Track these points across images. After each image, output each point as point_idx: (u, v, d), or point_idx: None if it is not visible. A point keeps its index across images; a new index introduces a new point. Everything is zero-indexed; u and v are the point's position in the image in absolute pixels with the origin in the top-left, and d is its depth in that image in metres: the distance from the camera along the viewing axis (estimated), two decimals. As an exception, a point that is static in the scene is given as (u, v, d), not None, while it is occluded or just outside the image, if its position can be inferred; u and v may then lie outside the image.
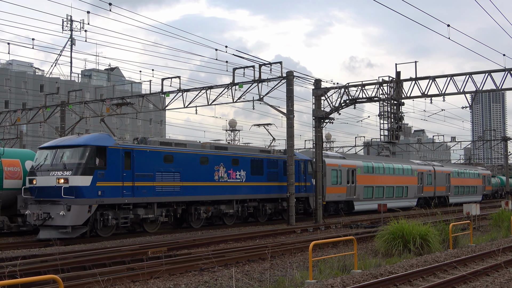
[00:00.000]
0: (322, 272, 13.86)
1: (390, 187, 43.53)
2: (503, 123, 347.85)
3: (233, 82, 31.90)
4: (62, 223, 21.39)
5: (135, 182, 23.57)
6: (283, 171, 32.56)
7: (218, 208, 28.64)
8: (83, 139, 23.27)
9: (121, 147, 23.42)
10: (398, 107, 30.90)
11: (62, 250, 18.82)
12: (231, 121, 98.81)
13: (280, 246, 19.59)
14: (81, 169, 21.82)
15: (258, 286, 12.56)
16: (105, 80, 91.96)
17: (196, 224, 27.79)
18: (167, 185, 25.29)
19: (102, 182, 22.28)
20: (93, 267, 14.95)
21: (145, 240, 22.92)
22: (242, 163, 29.89)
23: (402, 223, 18.04)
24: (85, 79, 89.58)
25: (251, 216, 32.31)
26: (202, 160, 27.56)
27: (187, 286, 12.81)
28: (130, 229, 25.54)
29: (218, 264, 15.59)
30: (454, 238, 19.23)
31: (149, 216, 24.55)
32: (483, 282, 12.32)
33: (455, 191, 54.98)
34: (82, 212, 21.72)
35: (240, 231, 26.50)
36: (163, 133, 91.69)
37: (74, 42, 77.89)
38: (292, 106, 31.17)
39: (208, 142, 30.23)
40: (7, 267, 13.25)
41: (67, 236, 21.57)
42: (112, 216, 22.96)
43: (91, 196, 21.93)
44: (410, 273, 12.93)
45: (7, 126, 44.12)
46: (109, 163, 22.76)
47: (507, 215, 26.19)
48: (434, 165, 53.87)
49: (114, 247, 19.77)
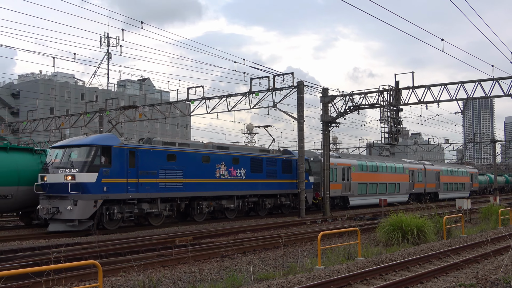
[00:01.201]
0: (330, 259, 13.85)
1: (383, 184, 42.63)
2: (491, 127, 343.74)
3: (250, 90, 31.95)
4: (70, 217, 20.69)
5: (139, 179, 22.74)
6: (281, 169, 31.51)
7: (219, 203, 27.64)
8: (89, 139, 22.56)
9: (126, 146, 22.64)
10: (397, 112, 30.82)
11: (101, 238, 18.92)
12: (248, 125, 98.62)
13: (292, 236, 19.54)
14: (87, 167, 21.09)
15: (272, 271, 12.55)
16: (137, 89, 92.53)
17: (199, 218, 26.60)
18: (170, 182, 24.35)
19: (107, 179, 21.52)
20: (128, 254, 15.05)
21: (173, 230, 22.78)
22: (242, 161, 28.84)
23: (401, 216, 17.97)
24: (120, 89, 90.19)
25: (252, 211, 31.17)
26: (204, 159, 26.51)
27: (210, 271, 12.83)
28: (136, 222, 24.60)
29: (237, 251, 15.61)
30: (448, 229, 19.14)
31: (153, 211, 23.69)
32: (473, 269, 12.21)
33: (445, 188, 53.84)
34: (88, 207, 20.97)
35: (257, 223, 26.37)
36: (188, 136, 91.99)
37: (110, 56, 78.36)
38: (302, 112, 31.11)
39: (211, 142, 29.43)
40: (53, 253, 13.38)
41: (74, 229, 20.79)
42: (118, 211, 22.20)
43: (97, 192, 21.18)
44: (408, 260, 12.87)
45: (53, 130, 44.48)
46: (114, 161, 21.95)
47: (495, 209, 26.00)
48: (425, 164, 52.73)
49: (146, 236, 19.87)
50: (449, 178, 55.42)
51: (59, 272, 10.64)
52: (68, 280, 10.89)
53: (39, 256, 14.35)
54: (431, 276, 11.34)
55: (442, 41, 27.76)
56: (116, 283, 10.99)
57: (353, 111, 31.63)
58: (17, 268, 12.32)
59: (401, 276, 11.40)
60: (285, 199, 31.94)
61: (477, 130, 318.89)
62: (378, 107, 30.90)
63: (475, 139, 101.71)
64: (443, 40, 27.69)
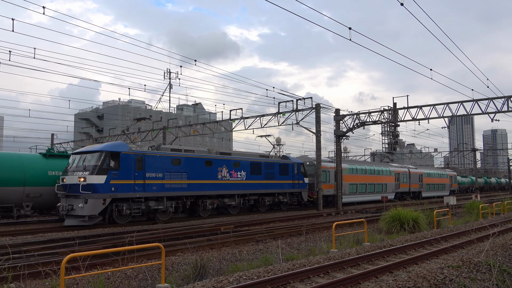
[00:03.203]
0: (342, 244, 13.61)
1: (371, 184, 40.28)
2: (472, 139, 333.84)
3: (278, 111, 31.92)
4: (81, 213, 19.28)
5: (146, 180, 21.18)
6: (278, 171, 29.34)
7: (222, 201, 25.69)
8: (101, 146, 21.14)
9: (134, 152, 21.01)
10: (395, 127, 30.30)
11: (164, 226, 19.10)
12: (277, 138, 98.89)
13: (311, 225, 19.35)
14: (96, 170, 19.67)
15: (296, 253, 12.41)
16: (192, 111, 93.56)
17: (204, 214, 24.75)
18: (175, 183, 22.60)
19: (115, 180, 20.04)
20: (184, 238, 15.14)
21: (218, 220, 22.76)
22: (242, 165, 26.72)
23: (399, 210, 17.62)
24: (179, 111, 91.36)
25: (254, 207, 28.83)
26: (207, 163, 24.55)
27: (247, 252, 12.78)
28: (146, 218, 22.65)
29: (269, 237, 15.52)
30: (438, 221, 18.59)
31: (159, 207, 21.98)
32: (459, 253, 11.78)
33: (427, 188, 50.95)
34: (97, 205, 19.52)
35: (284, 215, 26.15)
36: (230, 147, 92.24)
37: (171, 86, 79.63)
38: (319, 128, 30.93)
39: (216, 149, 27.54)
40: (127, 237, 13.55)
41: (85, 223, 19.38)
42: (126, 207, 20.64)
43: (105, 192, 19.69)
44: (406, 245, 12.52)
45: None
46: (122, 165, 20.34)
47: (476, 205, 25.24)
48: (409, 167, 49.67)
49: (198, 225, 19.90)
50: (431, 180, 52.50)
51: (131, 252, 10.78)
52: (138, 259, 11.00)
53: (116, 239, 14.59)
54: (424, 258, 10.99)
55: (431, 70, 27.21)
56: (175, 261, 11.05)
57: (359, 126, 31.23)
58: (100, 249, 12.56)
59: (400, 258, 11.09)
60: (282, 197, 29.97)
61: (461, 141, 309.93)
62: (379, 123, 30.46)
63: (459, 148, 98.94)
64: (432, 70, 27.15)
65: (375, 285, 8.14)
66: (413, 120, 28.90)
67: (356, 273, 8.97)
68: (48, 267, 8.83)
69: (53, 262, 9.73)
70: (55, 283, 7.18)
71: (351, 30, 17.90)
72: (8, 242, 13.22)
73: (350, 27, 17.73)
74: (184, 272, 9.67)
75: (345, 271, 9.55)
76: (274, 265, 9.84)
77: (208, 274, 9.54)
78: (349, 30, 17.86)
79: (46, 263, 9.83)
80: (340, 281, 8.17)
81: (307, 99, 31.40)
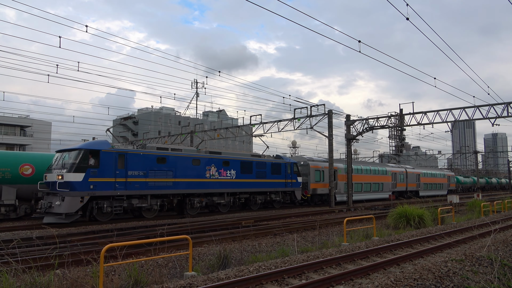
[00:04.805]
0: (352, 238, 13.43)
1: (367, 183, 37.26)
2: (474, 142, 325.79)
3: (294, 117, 31.82)
4: (58, 210, 17.31)
5: (128, 178, 19.06)
6: (270, 170, 26.92)
7: (211, 199, 23.30)
8: (81, 144, 19.33)
9: (115, 150, 18.88)
10: (401, 131, 29.82)
11: (191, 220, 19.11)
12: (292, 141, 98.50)
13: (324, 220, 19.15)
14: (74, 168, 17.64)
15: (311, 246, 12.29)
16: (216, 117, 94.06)
17: (192, 212, 22.41)
18: (160, 181, 20.40)
19: (94, 178, 18.00)
20: (209, 231, 15.19)
21: (240, 215, 22.59)
22: (232, 164, 24.35)
23: (406, 207, 17.28)
24: (205, 117, 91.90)
25: (245, 206, 26.29)
26: (194, 162, 22.27)
27: (266, 244, 12.73)
28: (132, 215, 20.76)
29: (286, 231, 15.43)
30: (442, 218, 18.16)
31: (143, 205, 19.94)
32: (462, 248, 11.46)
33: (425, 187, 47.98)
34: (74, 202, 17.43)
35: (299, 211, 25.94)
36: (251, 149, 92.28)
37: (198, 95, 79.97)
38: (331, 132, 30.64)
39: (206, 148, 24.72)
40: (158, 230, 13.68)
41: (62, 221, 17.42)
42: (107, 205, 18.53)
43: (83, 189, 17.64)
44: (412, 240, 12.26)
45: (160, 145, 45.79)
46: (102, 163, 18.27)
47: (478, 203, 24.59)
48: (407, 167, 46.64)
49: (221, 219, 19.87)
50: (429, 179, 49.46)
51: (162, 243, 10.88)
52: (169, 249, 11.10)
53: (149, 232, 14.71)
54: (429, 252, 10.73)
55: (434, 79, 26.66)
56: (201, 252, 11.09)
57: (368, 131, 30.83)
58: (135, 240, 12.71)
59: (407, 252, 10.86)
60: (275, 196, 27.45)
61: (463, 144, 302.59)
62: (387, 128, 30.00)
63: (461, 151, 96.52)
64: (436, 78, 26.62)
65: (383, 276, 7.98)
66: (418, 124, 28.36)
67: (366, 265, 8.82)
68: (89, 255, 8.98)
69: (94, 251, 9.88)
70: (95, 270, 7.29)
71: (360, 43, 17.70)
72: (55, 233, 13.52)
73: (360, 40, 17.54)
74: (209, 261, 9.69)
75: (355, 263, 9.41)
76: (290, 257, 9.77)
77: (231, 264, 9.54)
78: (358, 43, 17.67)
79: (87, 252, 10.00)
80: (351, 272, 8.05)
81: (320, 105, 31.26)
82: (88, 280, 7.13)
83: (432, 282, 7.24)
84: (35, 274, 6.80)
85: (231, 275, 7.65)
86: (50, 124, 63.76)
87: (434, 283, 7.21)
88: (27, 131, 61.17)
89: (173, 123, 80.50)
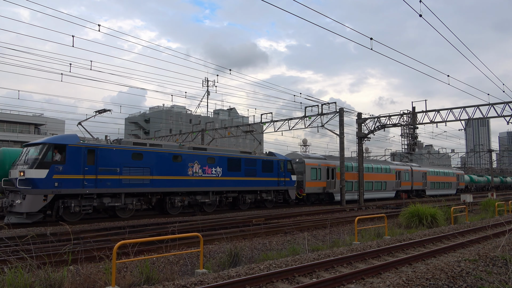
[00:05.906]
0: (364, 236, 13.33)
1: (369, 182, 35.31)
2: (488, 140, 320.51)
3: (304, 115, 31.69)
4: (19, 210, 15.94)
5: (98, 175, 17.55)
6: (261, 168, 25.17)
7: (194, 198, 21.71)
8: (46, 138, 17.70)
9: (84, 145, 17.33)
10: (414, 130, 29.60)
11: (202, 218, 19.12)
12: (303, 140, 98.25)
13: (335, 219, 19.05)
14: (36, 164, 16.20)
15: (321, 244, 12.25)
16: (227, 115, 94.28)
17: (173, 212, 20.92)
18: (135, 178, 18.89)
19: (60, 175, 16.50)
20: (220, 229, 15.22)
21: (250, 213, 22.56)
22: (218, 161, 22.75)
23: (418, 206, 17.10)
24: (215, 115, 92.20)
25: (235, 205, 24.67)
26: (175, 158, 20.73)
27: (276, 242, 12.72)
28: (107, 215, 19.34)
29: (296, 229, 15.39)
30: (455, 217, 17.91)
31: (116, 204, 18.42)
32: (476, 247, 11.29)
33: (431, 186, 45.91)
34: (36, 201, 15.96)
35: (310, 210, 25.86)
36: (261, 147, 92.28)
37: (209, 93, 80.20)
38: (342, 130, 30.41)
39: (189, 144, 23.20)
40: (170, 227, 13.77)
41: (23, 221, 15.99)
42: (75, 204, 17.04)
43: (47, 187, 16.19)
44: (424, 239, 12.12)
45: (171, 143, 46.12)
46: (68, 159, 16.78)
47: (492, 202, 24.18)
48: (412, 165, 44.36)
49: (232, 217, 19.90)
50: (436, 178, 47.30)
51: (174, 240, 10.96)
52: (180, 246, 11.17)
53: (161, 229, 14.82)
54: (442, 252, 10.60)
55: (448, 77, 26.32)
56: (212, 249, 11.13)
57: (380, 129, 30.55)
58: (146, 237, 12.82)
59: (419, 251, 10.75)
60: (266, 195, 25.84)
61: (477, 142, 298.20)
62: (399, 126, 29.73)
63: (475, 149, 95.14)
64: (449, 76, 26.25)
65: (395, 275, 7.91)
66: (431, 123, 28.02)
67: (377, 264, 8.75)
68: (101, 252, 9.09)
69: (106, 248, 10.00)
70: (108, 266, 7.38)
71: (372, 40, 17.54)
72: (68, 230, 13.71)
73: (371, 37, 17.36)
74: (220, 259, 9.73)
75: (366, 262, 9.35)
76: (301, 255, 9.75)
77: (241, 261, 9.56)
78: (370, 40, 17.52)
79: (100, 248, 10.12)
80: (362, 271, 8.00)
81: (331, 103, 31.14)
82: (101, 276, 7.21)
83: (445, 282, 7.15)
84: (49, 270, 6.91)
85: (241, 273, 7.67)
86: (64, 122, 64.76)
87: (447, 283, 7.12)
88: (41, 129, 62.25)
89: (184, 121, 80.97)
